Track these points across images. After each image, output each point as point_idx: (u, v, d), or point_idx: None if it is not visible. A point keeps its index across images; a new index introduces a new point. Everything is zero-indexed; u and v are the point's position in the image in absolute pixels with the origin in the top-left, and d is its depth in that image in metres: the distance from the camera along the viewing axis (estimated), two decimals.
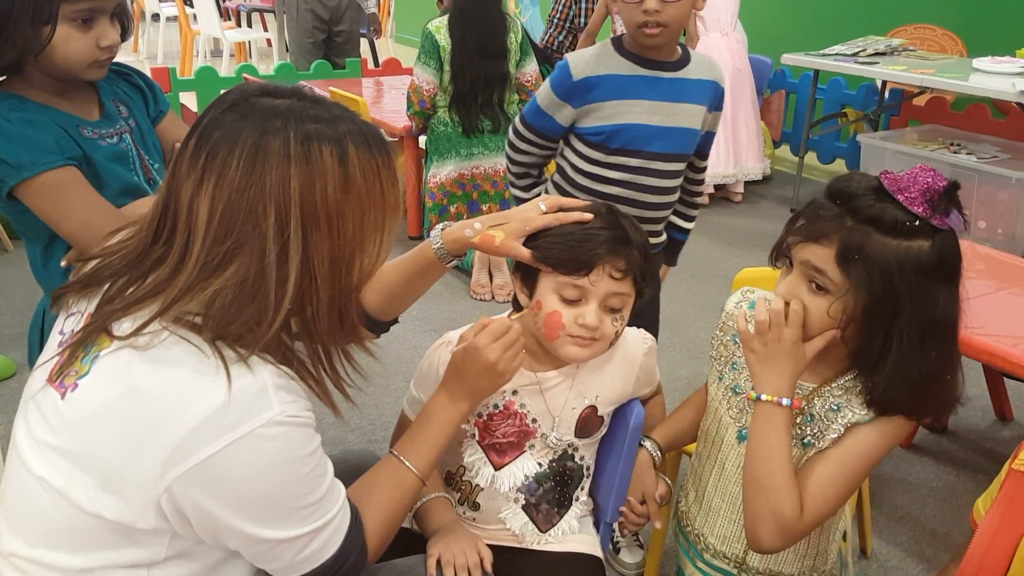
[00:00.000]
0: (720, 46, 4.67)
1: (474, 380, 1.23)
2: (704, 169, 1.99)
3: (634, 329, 1.45)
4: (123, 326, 0.98)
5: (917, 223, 1.11)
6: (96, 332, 1.00)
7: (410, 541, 1.36)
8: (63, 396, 0.99)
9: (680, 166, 1.86)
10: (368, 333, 1.11)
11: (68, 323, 1.07)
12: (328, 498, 1.04)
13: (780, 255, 1.22)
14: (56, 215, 1.37)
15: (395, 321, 1.45)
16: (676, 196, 1.91)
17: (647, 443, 1.49)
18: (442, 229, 1.34)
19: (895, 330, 1.13)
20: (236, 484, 0.95)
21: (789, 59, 4.68)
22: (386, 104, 4.48)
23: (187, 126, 1.69)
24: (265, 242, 0.94)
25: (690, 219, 2.05)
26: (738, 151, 4.76)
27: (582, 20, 5.02)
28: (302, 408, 0.99)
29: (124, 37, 1.47)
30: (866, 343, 1.15)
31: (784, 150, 5.70)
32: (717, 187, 4.81)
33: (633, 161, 1.80)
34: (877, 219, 1.10)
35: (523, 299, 1.34)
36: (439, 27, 3.64)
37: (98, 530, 0.97)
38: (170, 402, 0.93)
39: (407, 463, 1.19)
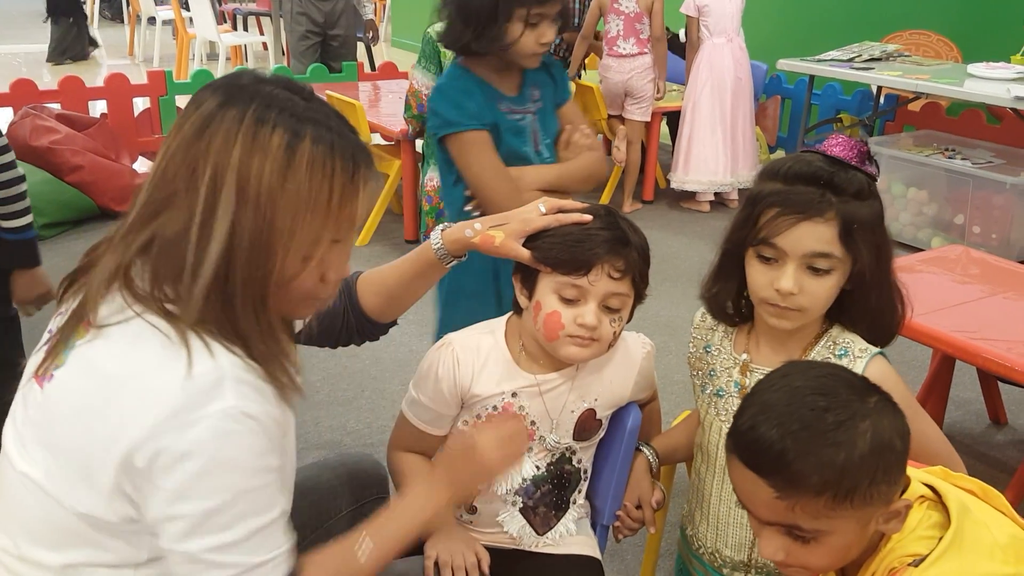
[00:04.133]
0: (723, 52, 4.67)
1: (464, 475, 1.21)
2: None
3: (633, 333, 1.45)
4: (100, 313, 0.98)
5: (874, 182, 1.24)
6: (76, 322, 1.01)
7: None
8: (41, 388, 1.01)
9: None
10: (293, 351, 1.08)
11: (56, 322, 1.08)
12: (260, 540, 0.97)
13: (758, 245, 1.23)
14: (463, 163, 1.78)
15: (394, 323, 1.45)
16: None
17: (645, 449, 1.50)
18: (442, 230, 1.35)
19: (879, 275, 1.25)
20: (172, 472, 0.92)
21: (784, 64, 4.70)
22: (383, 108, 4.48)
23: (581, 113, 1.97)
24: (196, 200, 0.95)
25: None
26: (735, 160, 4.77)
27: (575, 20, 5.03)
28: (264, 412, 0.96)
29: (562, 31, 1.87)
30: (861, 296, 1.26)
31: (779, 155, 5.71)
32: (716, 194, 4.82)
33: None
34: (858, 190, 1.21)
35: (523, 301, 1.34)
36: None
37: (76, 525, 0.97)
38: (127, 385, 0.93)
39: (362, 548, 1.11)
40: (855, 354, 1.27)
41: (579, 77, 4.95)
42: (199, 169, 0.95)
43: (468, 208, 1.86)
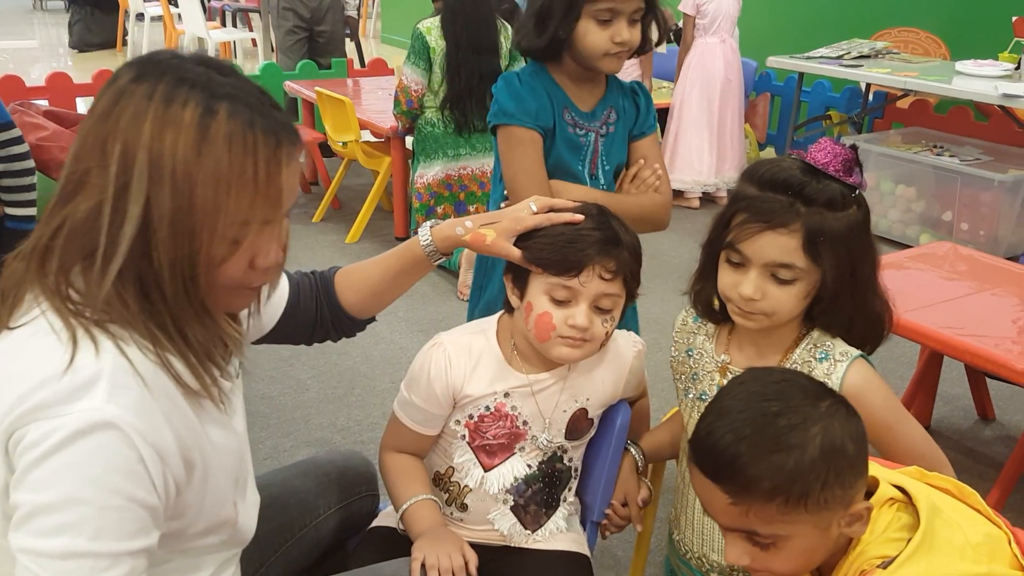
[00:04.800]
0: (715, 53, 4.67)
1: None
2: None
3: (624, 332, 1.45)
4: (13, 315, 0.95)
5: (852, 193, 1.22)
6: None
7: (396, 544, 1.36)
8: None
9: None
10: (234, 328, 1.04)
11: None
12: (76, 568, 0.87)
13: (726, 249, 1.25)
14: (504, 158, 1.73)
15: (372, 319, 1.44)
16: None
17: (632, 448, 1.50)
18: (431, 227, 1.34)
19: (855, 283, 1.24)
20: (22, 458, 0.87)
21: (774, 62, 4.71)
22: (372, 104, 4.47)
23: (659, 151, 1.83)
24: (107, 179, 0.90)
25: None
26: (721, 160, 4.78)
27: None
28: (137, 428, 0.89)
29: (655, 41, 1.73)
30: (832, 305, 1.26)
31: (769, 152, 5.73)
32: (704, 192, 4.83)
33: None
34: (829, 200, 1.19)
35: (514, 300, 1.34)
36: (430, 28, 3.64)
37: None
38: (5, 382, 0.89)
39: None
40: (835, 357, 1.27)
41: None
42: (109, 147, 0.91)
43: (503, 206, 1.81)
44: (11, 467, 0.89)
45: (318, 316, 1.36)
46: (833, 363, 1.27)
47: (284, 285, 1.33)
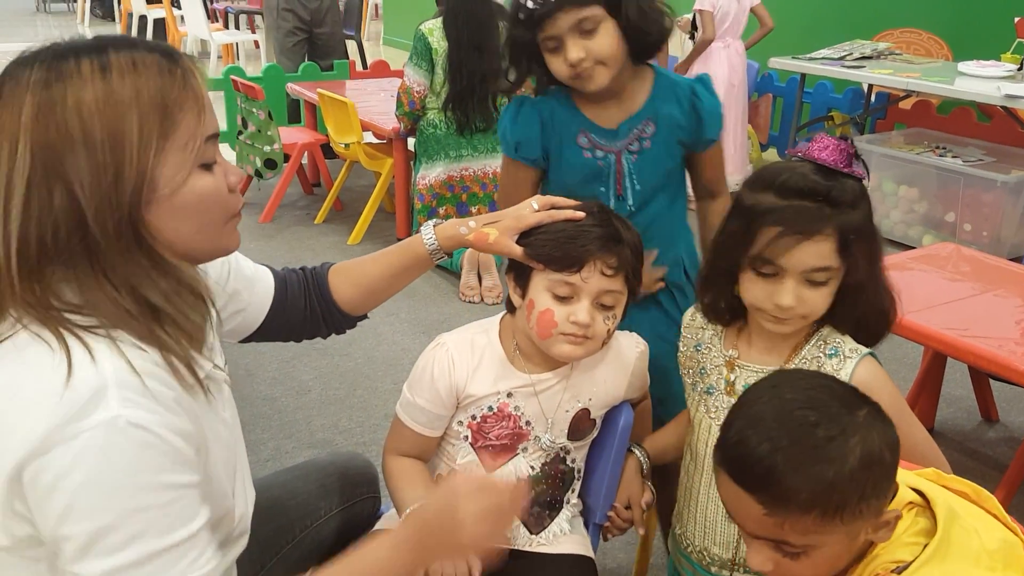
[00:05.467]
0: (720, 56, 4.67)
1: (434, 544, 1.06)
2: None
3: (626, 332, 1.45)
4: None
5: (863, 186, 1.23)
6: None
7: None
8: None
9: None
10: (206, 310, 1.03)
11: None
12: (163, 564, 0.89)
13: (763, 263, 1.22)
14: (500, 183, 1.76)
15: (364, 316, 1.43)
16: None
17: (636, 450, 1.49)
18: (434, 225, 1.34)
19: (869, 276, 1.25)
20: (56, 490, 0.85)
21: (776, 63, 4.70)
22: (374, 106, 4.47)
23: (723, 163, 1.71)
24: (81, 167, 0.89)
25: None
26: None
27: None
28: (158, 422, 0.89)
29: (644, 40, 1.54)
30: (851, 299, 1.26)
31: (771, 153, 5.73)
32: None
33: None
34: (852, 198, 1.21)
35: (516, 299, 1.34)
36: (432, 29, 3.64)
37: None
38: (8, 401, 0.88)
39: None
40: (845, 354, 1.27)
41: None
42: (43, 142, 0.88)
43: None
44: (22, 494, 0.86)
45: (308, 311, 1.36)
46: (843, 359, 1.27)
47: (269, 282, 1.33)
